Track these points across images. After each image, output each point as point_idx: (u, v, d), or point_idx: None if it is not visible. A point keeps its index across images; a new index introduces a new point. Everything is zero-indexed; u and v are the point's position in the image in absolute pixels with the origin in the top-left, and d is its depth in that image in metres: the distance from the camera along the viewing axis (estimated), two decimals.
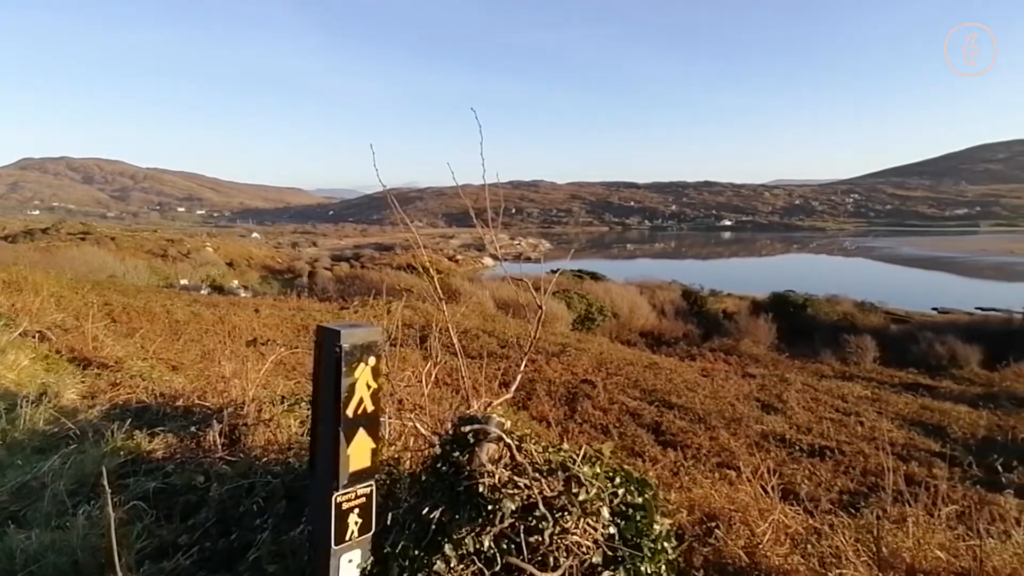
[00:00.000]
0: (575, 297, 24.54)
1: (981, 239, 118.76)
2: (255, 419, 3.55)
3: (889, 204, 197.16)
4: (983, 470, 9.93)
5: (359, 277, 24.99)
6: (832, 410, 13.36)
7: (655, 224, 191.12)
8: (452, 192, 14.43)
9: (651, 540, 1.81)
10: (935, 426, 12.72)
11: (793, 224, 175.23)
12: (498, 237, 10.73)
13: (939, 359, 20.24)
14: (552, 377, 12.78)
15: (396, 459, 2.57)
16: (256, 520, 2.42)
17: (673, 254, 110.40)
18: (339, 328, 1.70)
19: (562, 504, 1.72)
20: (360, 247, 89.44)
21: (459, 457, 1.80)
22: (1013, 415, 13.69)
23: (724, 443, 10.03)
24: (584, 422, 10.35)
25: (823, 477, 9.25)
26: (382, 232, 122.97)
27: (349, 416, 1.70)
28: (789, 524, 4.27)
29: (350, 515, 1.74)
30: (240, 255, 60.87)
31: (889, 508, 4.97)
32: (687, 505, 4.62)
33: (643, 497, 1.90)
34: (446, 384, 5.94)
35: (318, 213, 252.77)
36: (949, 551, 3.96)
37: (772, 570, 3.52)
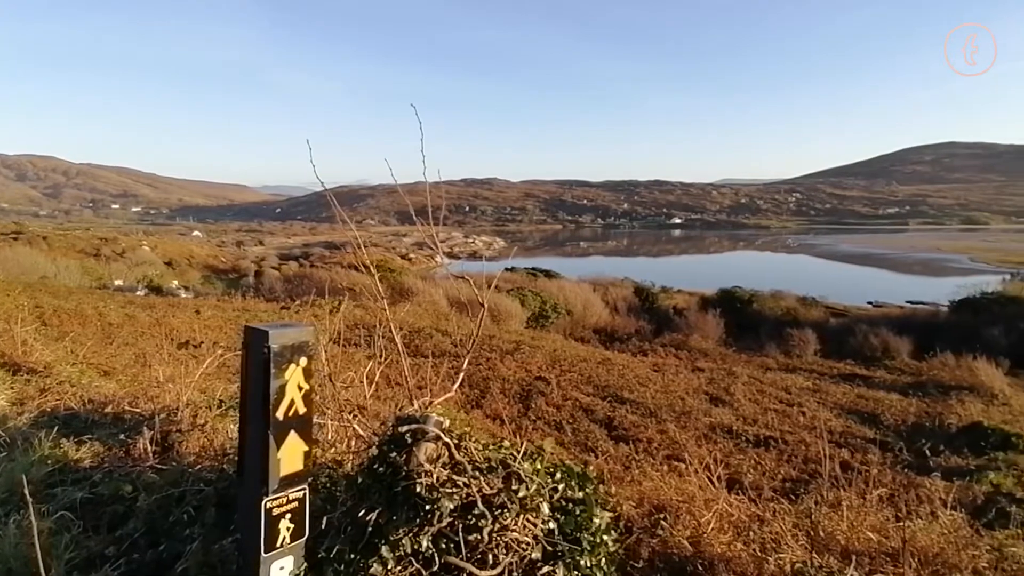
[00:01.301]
0: (529, 295, 24.62)
1: (911, 236, 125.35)
2: (190, 424, 3.42)
3: (828, 203, 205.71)
4: (913, 455, 10.51)
5: (308, 276, 24.40)
6: (776, 401, 13.81)
7: (608, 222, 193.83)
8: (405, 190, 14.45)
9: (590, 534, 1.82)
10: (870, 414, 13.32)
11: (740, 222, 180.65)
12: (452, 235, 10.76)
13: (873, 350, 21.19)
14: (506, 375, 12.79)
15: (338, 461, 2.51)
16: (186, 530, 2.34)
17: (625, 252, 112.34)
18: (268, 328, 1.64)
19: (502, 501, 1.70)
20: (310, 245, 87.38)
21: (396, 457, 1.77)
22: (939, 402, 14.46)
23: (674, 436, 10.25)
24: (538, 419, 10.40)
25: (767, 466, 9.55)
26: (332, 230, 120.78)
27: (279, 419, 1.64)
28: (733, 513, 4.39)
29: (281, 521, 1.68)
30: (180, 254, 58.58)
31: (826, 493, 5.17)
32: (637, 498, 4.69)
33: (584, 491, 1.91)
34: (399, 384, 5.86)
35: (264, 211, 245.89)
36: (880, 532, 4.15)
37: (715, 558, 3.60)
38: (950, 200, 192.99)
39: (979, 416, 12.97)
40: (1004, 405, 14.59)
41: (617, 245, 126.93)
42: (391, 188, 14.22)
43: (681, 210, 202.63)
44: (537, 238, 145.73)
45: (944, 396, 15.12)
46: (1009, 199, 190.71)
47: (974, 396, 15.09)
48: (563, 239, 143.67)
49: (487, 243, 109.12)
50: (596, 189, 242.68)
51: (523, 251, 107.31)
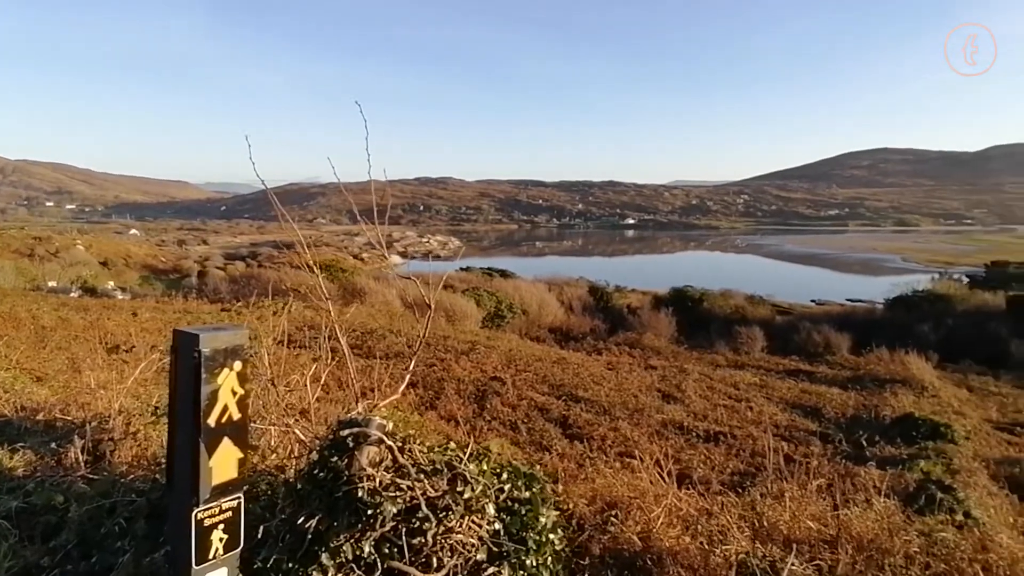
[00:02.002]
0: (485, 295, 24.55)
1: (850, 237, 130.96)
2: (122, 433, 3.27)
3: (774, 205, 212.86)
4: (851, 446, 10.97)
5: (256, 277, 23.64)
6: (725, 397, 14.13)
7: (563, 222, 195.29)
8: (358, 188, 14.04)
9: (536, 533, 1.82)
10: (812, 408, 13.78)
11: (691, 223, 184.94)
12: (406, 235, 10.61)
13: (816, 347, 21.94)
14: (461, 376, 12.71)
15: (280, 468, 2.43)
16: (118, 542, 2.26)
17: (581, 251, 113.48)
18: (198, 332, 1.57)
19: (446, 504, 1.68)
20: (257, 245, 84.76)
21: (337, 462, 1.72)
22: (876, 395, 15.13)
23: (627, 433, 10.37)
24: (493, 419, 10.37)
25: (717, 460, 9.72)
26: (282, 229, 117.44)
27: (211, 425, 1.57)
28: (682, 507, 4.48)
29: (213, 532, 1.60)
30: (116, 253, 55.93)
31: (771, 485, 5.34)
32: (590, 496, 4.73)
33: (531, 491, 1.90)
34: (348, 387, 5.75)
35: (208, 209, 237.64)
36: (820, 521, 4.30)
37: (663, 552, 3.66)
38: (885, 203, 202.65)
39: (911, 407, 13.61)
40: (933, 397, 15.35)
41: (572, 245, 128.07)
42: (344, 186, 14.06)
43: (634, 210, 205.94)
44: (493, 238, 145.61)
45: (880, 389, 15.77)
46: (937, 202, 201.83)
47: (906, 388, 15.81)
48: (519, 239, 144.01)
49: (442, 243, 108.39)
50: (551, 189, 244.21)
51: (479, 251, 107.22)
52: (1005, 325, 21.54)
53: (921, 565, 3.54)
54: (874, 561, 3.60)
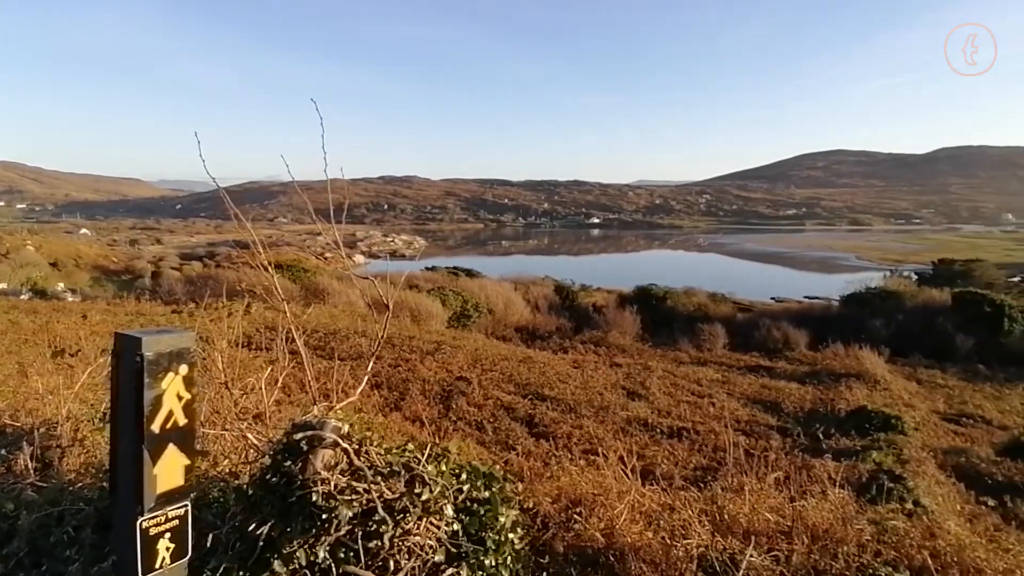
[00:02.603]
0: (450, 294, 24.40)
1: (807, 236, 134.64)
2: (70, 439, 3.15)
3: (735, 204, 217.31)
4: (808, 439, 11.27)
5: (213, 277, 22.95)
6: (689, 393, 14.36)
7: (528, 221, 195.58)
8: (320, 187, 13.74)
9: (496, 532, 1.81)
10: (772, 402, 14.12)
11: (655, 222, 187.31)
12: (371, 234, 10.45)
13: (776, 343, 22.43)
14: (427, 376, 12.61)
15: (234, 473, 2.37)
16: (68, 550, 2.22)
17: (546, 250, 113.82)
18: (141, 335, 1.51)
19: (404, 506, 1.66)
20: (215, 244, 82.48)
21: (291, 466, 1.68)
22: (832, 389, 15.60)
23: (593, 431, 10.44)
24: (459, 419, 10.32)
25: (680, 456, 9.87)
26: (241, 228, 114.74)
27: (155, 432, 1.51)
28: (644, 503, 4.53)
29: (159, 541, 1.55)
30: (67, 254, 53.78)
31: (731, 479, 5.44)
32: (555, 494, 4.74)
33: (490, 491, 1.89)
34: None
35: (162, 207, 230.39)
36: (778, 513, 4.40)
37: (626, 547, 3.70)
38: (840, 203, 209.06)
39: (864, 401, 14.06)
40: (885, 390, 15.90)
41: (538, 244, 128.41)
42: (306, 185, 13.69)
43: (599, 210, 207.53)
44: (458, 237, 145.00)
45: (836, 383, 16.27)
46: (888, 203, 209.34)
47: (860, 382, 16.35)
48: (485, 238, 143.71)
49: (407, 242, 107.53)
50: (517, 188, 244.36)
51: (444, 250, 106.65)
52: (951, 320, 22.43)
53: (872, 552, 3.66)
54: (828, 550, 3.71)
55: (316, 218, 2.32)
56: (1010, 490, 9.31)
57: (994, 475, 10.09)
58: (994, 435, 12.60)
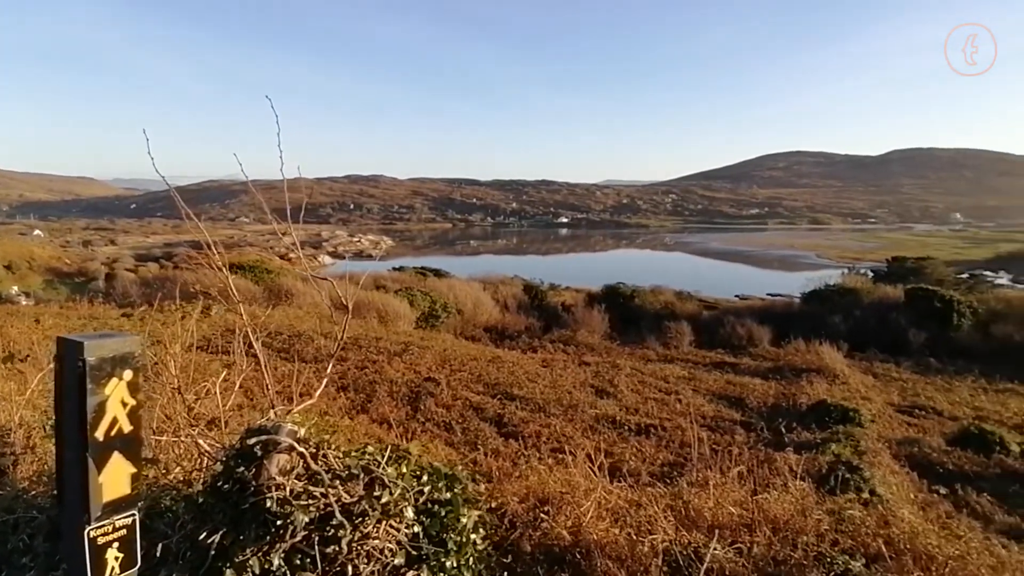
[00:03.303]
0: (418, 295, 24.20)
1: (769, 235, 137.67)
2: (23, 447, 3.04)
3: (700, 204, 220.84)
4: (771, 433, 11.50)
5: (170, 279, 22.28)
6: (656, 391, 14.51)
7: (497, 221, 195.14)
8: (283, 186, 13.37)
9: (457, 534, 1.79)
10: (737, 398, 14.37)
11: (622, 221, 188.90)
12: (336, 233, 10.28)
13: (740, 339, 22.84)
14: (394, 377, 12.48)
15: (187, 481, 2.29)
16: (23, 558, 2.15)
17: (515, 250, 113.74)
18: (83, 339, 1.45)
19: (362, 509, 1.62)
20: (173, 245, 79.99)
21: (244, 473, 1.63)
22: (794, 384, 15.98)
23: (561, 430, 10.49)
24: (427, 420, 10.24)
25: (647, 453, 9.96)
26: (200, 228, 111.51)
27: (99, 439, 1.45)
28: (611, 500, 4.56)
29: (108, 550, 1.49)
30: (20, 256, 51.71)
31: (696, 475, 5.52)
32: (523, 493, 4.75)
33: (452, 492, 1.87)
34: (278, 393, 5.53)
35: (117, 207, 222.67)
36: (741, 506, 4.49)
37: (592, 544, 3.72)
38: (800, 203, 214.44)
39: (824, 395, 14.43)
40: (844, 384, 16.36)
41: (507, 243, 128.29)
42: (268, 184, 13.36)
43: (568, 209, 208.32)
44: (426, 237, 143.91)
45: (797, 378, 16.66)
46: (846, 202, 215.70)
47: (821, 377, 16.77)
48: (453, 238, 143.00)
49: (374, 242, 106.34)
50: (485, 188, 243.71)
51: (412, 250, 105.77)
52: (904, 315, 23.20)
53: (830, 541, 3.76)
54: (788, 540, 3.79)
55: (273, 217, 2.25)
56: (960, 478, 9.69)
57: (945, 464, 10.48)
58: (945, 425, 13.07)
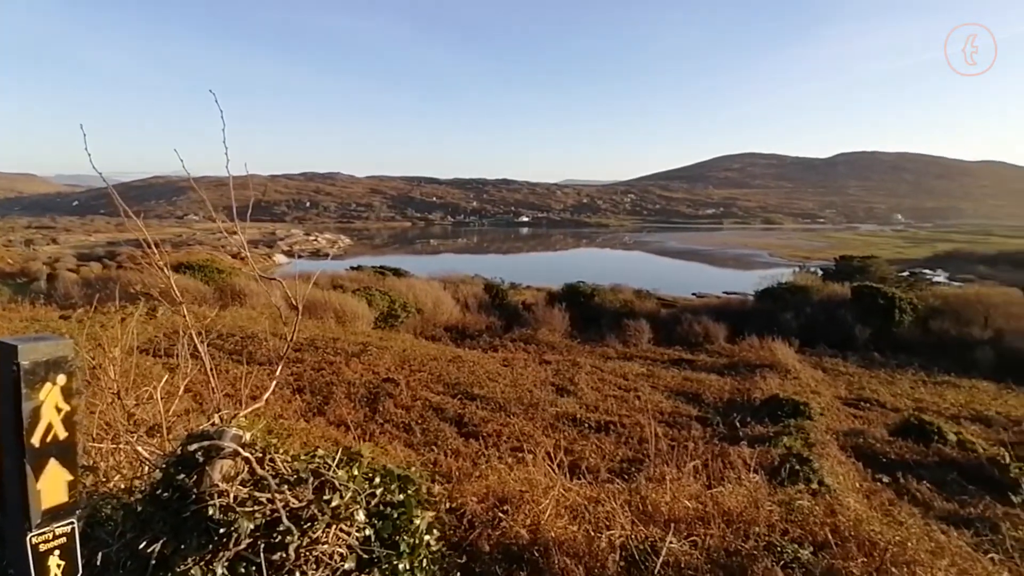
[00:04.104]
0: (377, 294, 23.87)
1: (725, 235, 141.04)
2: None
3: (658, 204, 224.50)
4: (727, 427, 11.78)
5: (114, 279, 21.37)
6: (615, 388, 14.67)
7: (458, 220, 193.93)
8: (236, 183, 12.92)
9: (410, 535, 1.77)
10: (694, 394, 14.66)
11: (582, 221, 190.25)
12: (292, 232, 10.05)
13: (697, 337, 23.27)
14: (352, 378, 12.27)
15: (128, 489, 2.20)
16: None
17: (476, 249, 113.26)
18: (16, 342, 1.38)
19: (311, 514, 1.58)
20: (116, 244, 76.63)
21: (185, 480, 1.57)
22: (748, 379, 16.41)
23: (522, 428, 10.49)
24: (386, 422, 10.10)
25: (607, 449, 10.02)
26: (146, 226, 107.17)
27: (36, 445, 1.39)
28: (570, 497, 4.59)
29: (50, 558, 1.45)
30: None
31: (654, 470, 5.61)
32: (482, 493, 4.73)
33: (405, 493, 1.84)
34: (228, 395, 5.37)
35: (59, 204, 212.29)
36: (697, 499, 4.58)
37: (551, 542, 3.74)
38: (754, 203, 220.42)
39: (777, 389, 14.86)
40: (795, 379, 16.90)
41: (467, 242, 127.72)
42: (218, 180, 12.82)
43: (528, 208, 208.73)
44: (385, 235, 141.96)
45: (751, 374, 17.10)
46: (796, 203, 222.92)
47: (774, 372, 17.28)
48: (412, 236, 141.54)
49: (331, 240, 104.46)
50: (445, 186, 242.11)
51: (371, 249, 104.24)
52: (851, 312, 24.14)
53: (780, 531, 3.87)
54: (741, 531, 3.89)
55: (218, 216, 2.17)
56: (902, 467, 10.13)
57: (888, 454, 10.94)
58: (887, 417, 13.64)
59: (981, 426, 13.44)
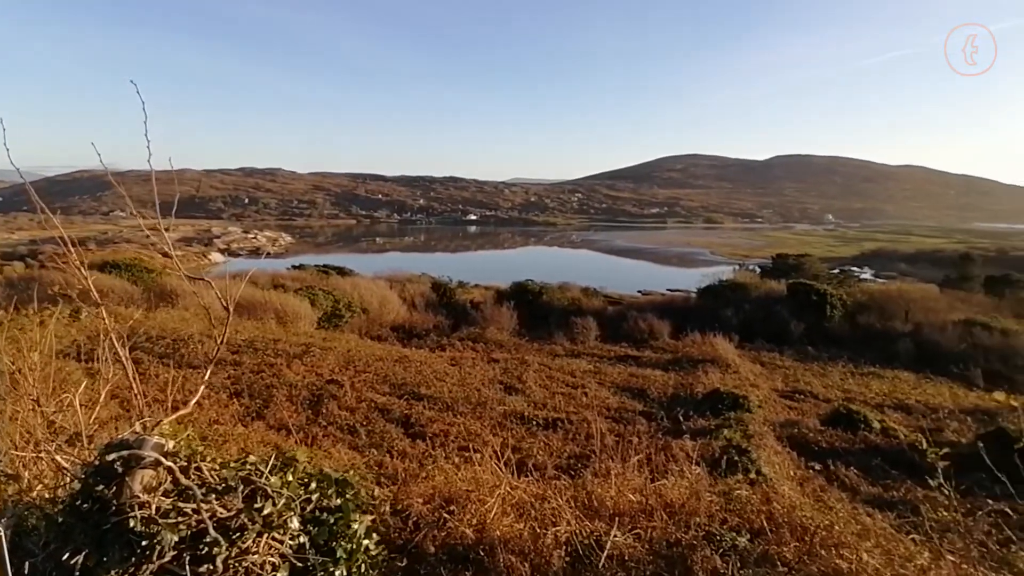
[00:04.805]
0: (320, 294, 23.28)
1: (669, 233, 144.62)
2: None
3: (605, 203, 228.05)
4: (671, 421, 12.07)
5: (37, 279, 20.08)
6: (563, 385, 14.77)
7: (404, 217, 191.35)
8: (168, 177, 12.25)
9: (347, 541, 1.72)
10: (639, 389, 14.91)
11: (530, 219, 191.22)
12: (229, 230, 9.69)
13: (642, 333, 23.61)
14: (294, 380, 11.91)
15: (52, 499, 2.06)
16: None
17: (423, 247, 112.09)
18: None
19: (241, 523, 1.52)
20: (39, 242, 72.07)
21: (104, 491, 1.48)
22: (691, 374, 16.87)
23: (470, 428, 10.43)
24: (330, 424, 9.84)
25: (555, 446, 10.02)
26: (71, 223, 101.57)
27: None
28: (516, 495, 4.60)
29: None
30: None
31: (600, 465, 5.69)
32: (428, 494, 4.68)
33: (343, 498, 1.79)
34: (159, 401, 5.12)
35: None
36: (641, 493, 4.67)
37: (496, 540, 3.73)
38: (696, 203, 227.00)
39: (718, 383, 15.31)
40: (736, 373, 17.47)
41: (415, 241, 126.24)
42: (147, 175, 11.95)
43: (476, 207, 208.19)
44: (329, 233, 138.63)
45: (694, 369, 17.56)
46: (736, 203, 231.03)
47: (715, 367, 17.80)
48: (358, 234, 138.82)
49: (272, 238, 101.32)
50: (391, 184, 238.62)
51: (314, 247, 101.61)
52: (786, 308, 25.15)
53: (720, 520, 3.99)
54: (683, 522, 3.99)
55: (138, 212, 2.05)
56: (832, 455, 10.66)
57: (819, 442, 11.50)
58: (820, 407, 14.30)
59: (903, 414, 14.28)
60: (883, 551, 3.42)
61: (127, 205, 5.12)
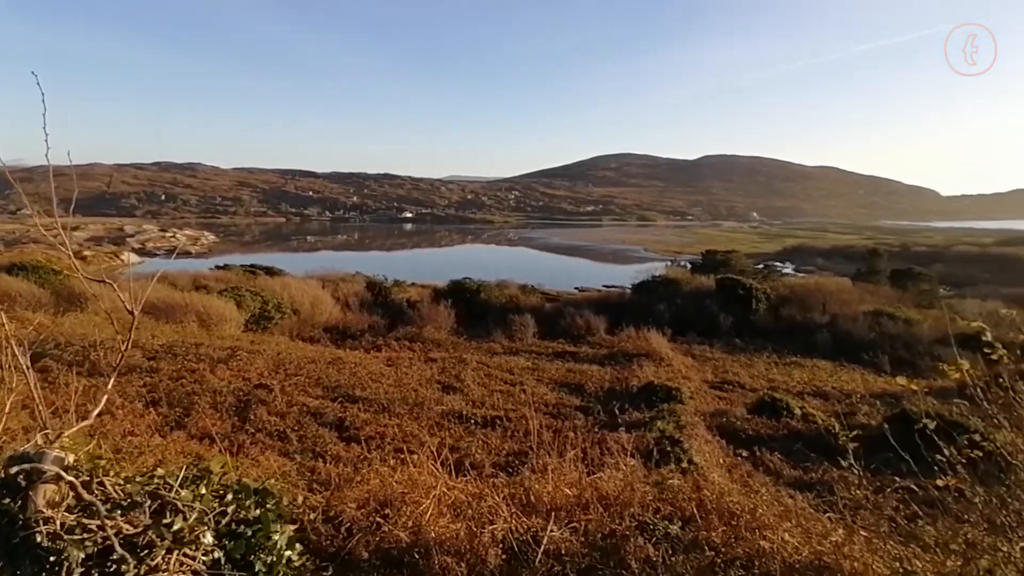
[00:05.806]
0: (247, 295, 22.30)
1: (604, 231, 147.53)
2: None
3: (542, 201, 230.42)
4: (607, 415, 12.23)
5: None
6: (502, 383, 14.70)
7: (337, 215, 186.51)
8: (79, 172, 11.38)
9: (267, 553, 1.65)
10: (577, 385, 15.04)
11: (467, 217, 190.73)
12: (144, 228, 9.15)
13: (579, 329, 23.73)
14: (218, 386, 11.33)
15: None
16: None
17: (357, 246, 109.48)
18: None
19: (149, 540, 1.42)
20: None
21: (11, 505, 1.36)
22: (626, 368, 17.21)
23: (407, 429, 10.25)
24: (258, 431, 9.41)
25: (493, 444, 9.96)
26: None
27: None
28: (453, 495, 4.56)
29: None
30: None
31: (537, 461, 5.72)
32: (363, 498, 4.57)
33: (262, 509, 1.71)
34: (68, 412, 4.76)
35: None
36: (577, 487, 4.72)
37: (432, 541, 3.69)
38: (630, 201, 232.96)
39: (652, 376, 15.67)
40: (669, 366, 17.95)
41: (348, 239, 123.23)
42: (57, 170, 10.94)
43: (412, 204, 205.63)
44: (257, 232, 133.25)
45: (629, 363, 17.84)
46: (668, 201, 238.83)
47: (649, 361, 18.18)
48: (288, 233, 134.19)
49: (193, 237, 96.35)
50: (323, 180, 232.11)
51: (240, 246, 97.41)
52: (716, 302, 26.14)
53: (653, 510, 4.09)
54: (617, 514, 4.06)
55: (33, 209, 1.89)
56: (758, 442, 11.16)
57: (747, 430, 12.03)
58: (747, 397, 14.94)
59: (821, 400, 15.14)
60: (802, 530, 3.61)
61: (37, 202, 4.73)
